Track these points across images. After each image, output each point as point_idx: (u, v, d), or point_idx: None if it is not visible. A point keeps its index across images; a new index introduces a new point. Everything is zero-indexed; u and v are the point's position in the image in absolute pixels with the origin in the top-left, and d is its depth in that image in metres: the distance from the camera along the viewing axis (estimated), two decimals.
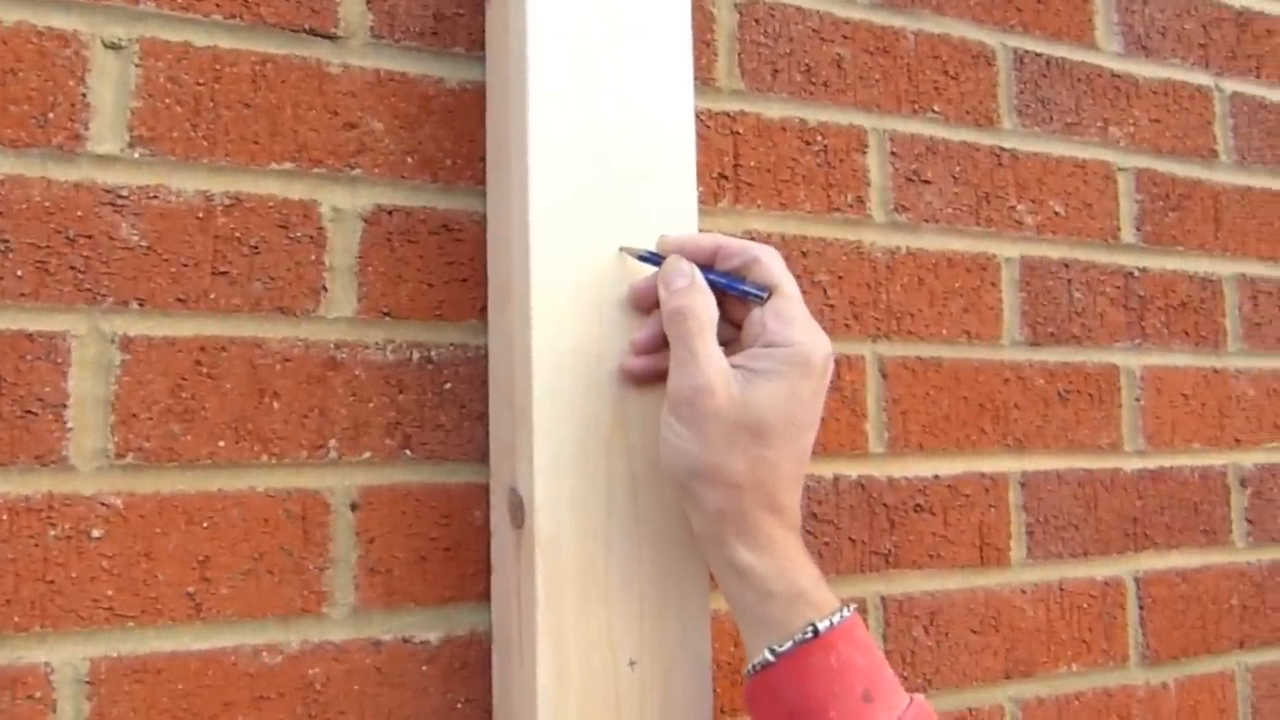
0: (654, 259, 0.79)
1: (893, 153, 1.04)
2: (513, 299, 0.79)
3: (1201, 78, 1.23)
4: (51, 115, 0.74)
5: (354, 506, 0.80)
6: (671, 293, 0.76)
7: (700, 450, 0.72)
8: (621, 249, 0.80)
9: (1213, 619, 1.16)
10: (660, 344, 0.78)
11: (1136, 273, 1.16)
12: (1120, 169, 1.16)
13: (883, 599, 0.98)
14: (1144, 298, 1.16)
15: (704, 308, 0.75)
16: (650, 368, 0.79)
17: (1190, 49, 1.23)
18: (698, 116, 0.94)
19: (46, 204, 0.74)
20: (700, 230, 0.84)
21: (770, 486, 0.73)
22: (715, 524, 0.73)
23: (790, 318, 0.76)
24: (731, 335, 0.79)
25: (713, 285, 0.77)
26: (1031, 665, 1.05)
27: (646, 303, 0.79)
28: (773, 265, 0.78)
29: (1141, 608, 1.11)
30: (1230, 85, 1.25)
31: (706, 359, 0.73)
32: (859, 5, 1.04)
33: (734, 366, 0.74)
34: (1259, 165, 1.26)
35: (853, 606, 0.74)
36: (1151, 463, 1.14)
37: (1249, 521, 1.20)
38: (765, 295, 0.77)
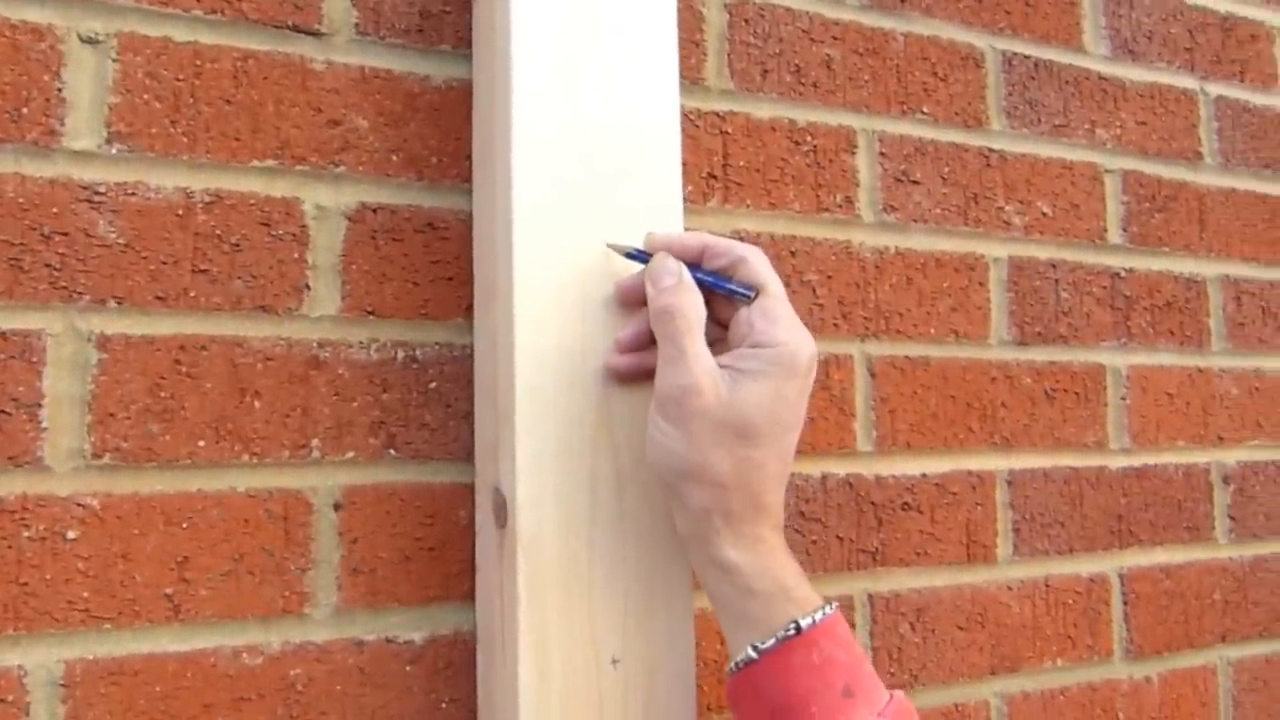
0: (641, 256, 0.74)
1: (882, 153, 0.98)
2: (497, 297, 0.74)
3: (1187, 81, 1.18)
4: (26, 110, 0.69)
5: (337, 506, 0.75)
6: (659, 290, 0.71)
7: (686, 449, 0.68)
8: (608, 245, 0.74)
9: (1195, 614, 1.11)
10: (646, 342, 0.74)
11: (1123, 273, 1.10)
12: (1107, 170, 1.11)
13: (870, 596, 0.93)
14: (1130, 298, 1.10)
15: (692, 306, 0.71)
16: (635, 365, 0.74)
17: (1176, 53, 1.17)
18: (687, 116, 0.89)
19: (21, 200, 0.68)
20: (687, 229, 0.79)
21: (756, 486, 0.69)
22: (700, 522, 0.69)
23: (776, 318, 0.71)
24: (717, 334, 0.74)
25: (700, 284, 0.72)
26: (1017, 661, 1.00)
27: (632, 300, 0.75)
28: (759, 265, 0.73)
29: (1126, 603, 1.06)
30: (1215, 89, 1.20)
31: (694, 358, 0.69)
32: (848, 6, 0.98)
33: (720, 366, 0.70)
34: (1243, 168, 1.21)
35: (835, 604, 0.70)
36: (1136, 460, 1.09)
37: (1231, 518, 1.15)
38: (752, 295, 0.72)
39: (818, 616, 0.68)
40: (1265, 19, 1.25)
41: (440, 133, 0.80)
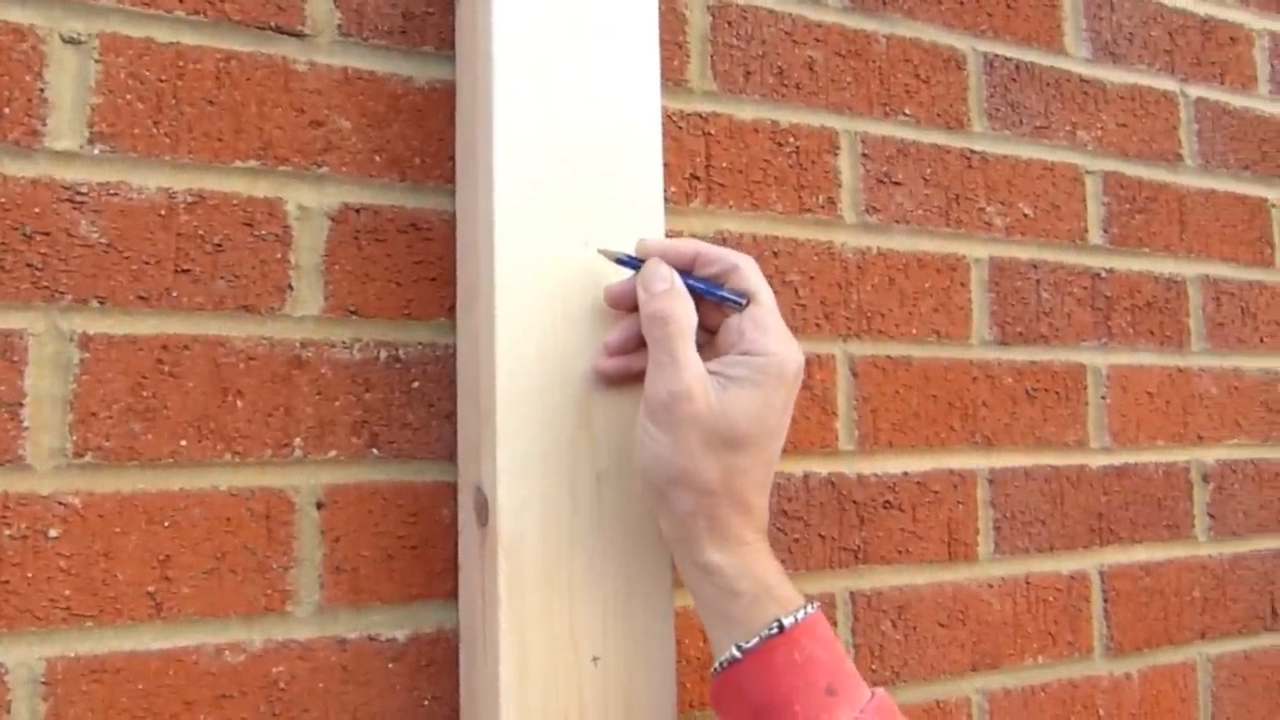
0: (632, 262, 0.74)
1: (864, 154, 0.98)
2: (479, 299, 0.74)
3: (1167, 83, 1.18)
4: (7, 110, 0.68)
5: (319, 505, 0.75)
6: (652, 296, 0.71)
7: (674, 455, 0.68)
8: (599, 251, 0.74)
9: (1175, 611, 1.11)
10: (634, 345, 0.74)
11: (1103, 273, 1.10)
12: (1088, 172, 1.11)
13: (852, 594, 0.93)
14: (1110, 298, 1.10)
15: (684, 313, 0.70)
16: (623, 369, 0.74)
17: (1156, 55, 1.17)
18: (670, 117, 0.88)
19: (2, 200, 0.68)
20: (668, 230, 0.79)
21: (741, 491, 0.69)
22: (685, 526, 0.70)
23: (767, 327, 0.72)
24: (704, 340, 0.74)
25: (691, 290, 0.72)
26: (998, 658, 0.99)
27: (622, 304, 0.74)
28: (751, 273, 0.74)
29: (1106, 601, 1.06)
30: (1195, 91, 1.20)
31: (686, 364, 0.69)
32: (831, 9, 0.98)
33: (710, 373, 0.70)
34: (1222, 169, 1.21)
35: (816, 603, 0.70)
36: (1116, 459, 1.09)
37: (1210, 516, 1.15)
38: (744, 303, 0.72)
39: (800, 615, 0.68)
40: (1245, 21, 1.25)
41: (423, 134, 0.80)
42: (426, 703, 0.77)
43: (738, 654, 0.67)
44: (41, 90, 0.69)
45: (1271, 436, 1.20)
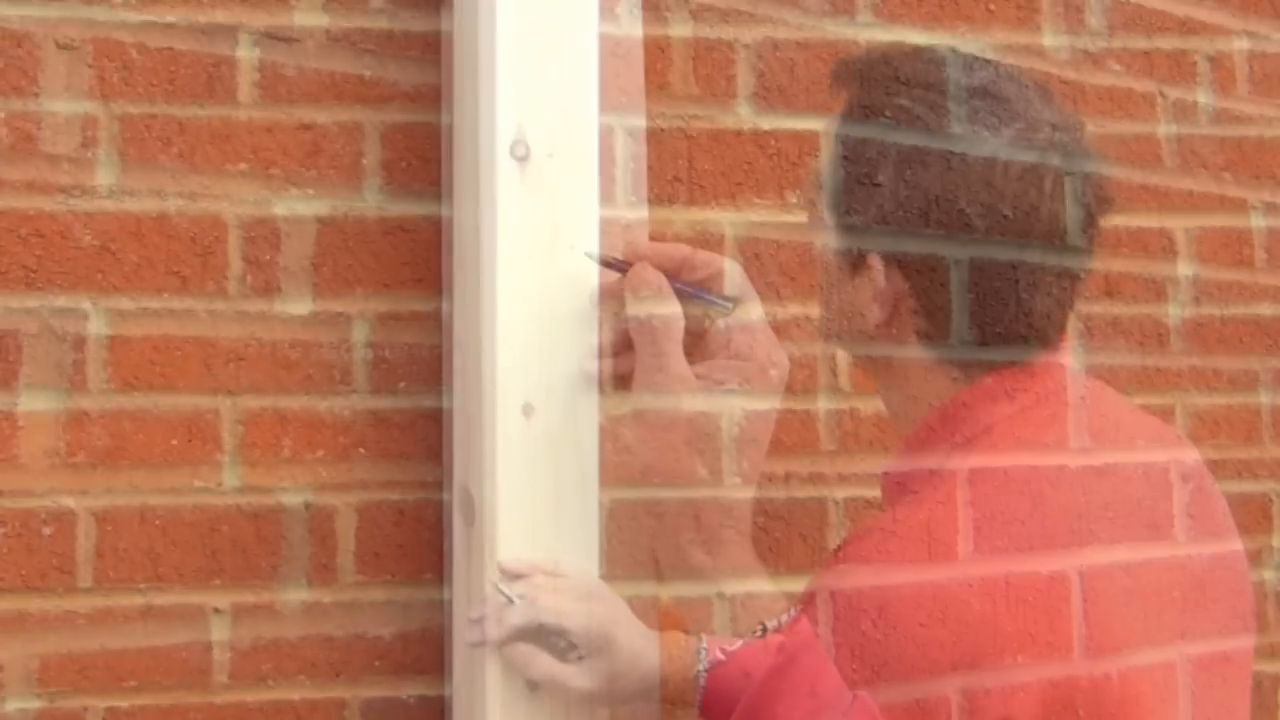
0: (620, 265, 0.77)
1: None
2: (467, 301, 0.78)
3: (1145, 85, 1.22)
4: (3, 115, 0.72)
5: (307, 504, 0.78)
6: (640, 300, 0.74)
7: (662, 458, 0.72)
8: (586, 254, 0.77)
9: (1155, 611, 1.14)
10: (622, 347, 0.77)
11: (1082, 274, 1.14)
12: (1067, 173, 1.15)
13: (832, 594, 0.97)
14: (1087, 298, 1.14)
15: (672, 316, 0.74)
16: (611, 371, 0.77)
17: (1135, 57, 1.22)
18: (654, 121, 0.92)
19: None
20: (651, 234, 0.83)
21: (726, 495, 0.73)
22: (672, 528, 0.73)
23: (753, 331, 0.75)
24: (690, 343, 0.76)
25: (678, 294, 0.75)
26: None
27: (610, 307, 0.78)
28: (738, 279, 0.77)
29: (1085, 600, 1.10)
30: (1174, 92, 1.24)
31: (673, 368, 0.72)
32: (811, 13, 1.02)
33: (697, 376, 0.73)
34: (1202, 170, 1.25)
35: (798, 606, 0.73)
36: (1095, 459, 1.13)
37: (1190, 517, 1.18)
38: (730, 307, 0.76)
39: (783, 618, 0.71)
40: (1223, 22, 1.30)
41: (410, 138, 0.84)
42: (413, 700, 0.80)
43: (721, 657, 0.71)
44: (37, 95, 0.73)
45: (1251, 437, 1.25)
